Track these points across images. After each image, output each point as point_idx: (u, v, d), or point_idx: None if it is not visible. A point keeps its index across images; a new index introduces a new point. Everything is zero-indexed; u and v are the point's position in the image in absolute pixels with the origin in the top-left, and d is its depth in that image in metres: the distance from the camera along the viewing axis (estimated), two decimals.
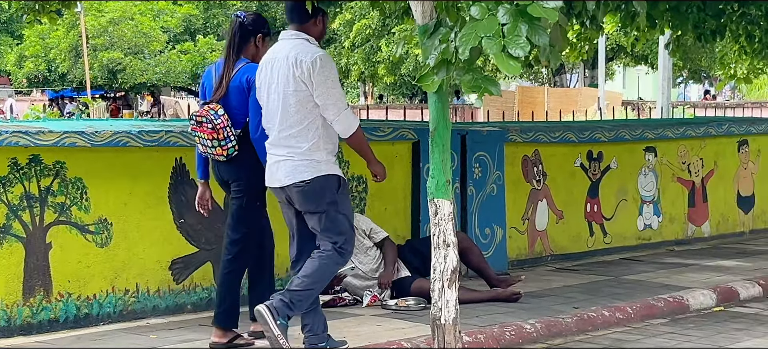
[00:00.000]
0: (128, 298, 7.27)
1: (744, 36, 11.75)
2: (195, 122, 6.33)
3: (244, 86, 6.30)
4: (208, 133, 6.26)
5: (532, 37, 5.20)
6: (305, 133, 5.99)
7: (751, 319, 7.93)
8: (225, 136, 6.25)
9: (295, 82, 5.95)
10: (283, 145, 6.02)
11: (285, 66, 5.97)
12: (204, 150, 6.38)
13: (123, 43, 40.35)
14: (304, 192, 6.00)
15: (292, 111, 5.97)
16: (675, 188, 11.25)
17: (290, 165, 6.00)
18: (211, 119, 6.24)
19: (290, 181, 6.00)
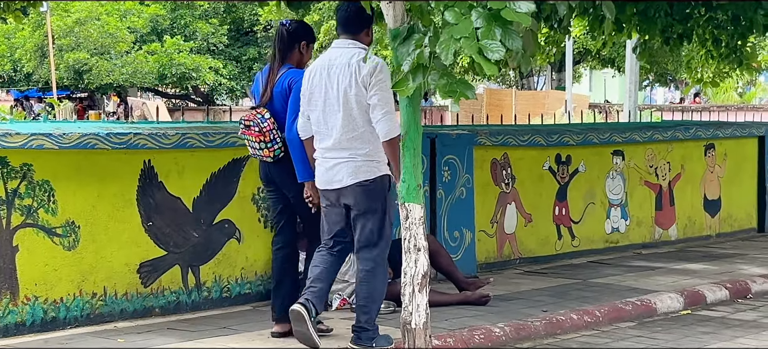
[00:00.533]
0: (96, 301, 7.22)
1: (711, 40, 11.85)
2: (244, 126, 6.68)
3: (287, 91, 6.58)
4: (255, 136, 6.61)
5: (506, 41, 5.23)
6: (368, 136, 6.25)
7: (718, 322, 7.98)
8: (271, 139, 6.59)
9: (358, 87, 6.20)
10: (344, 148, 6.29)
11: (347, 72, 6.21)
12: (253, 152, 6.75)
13: (89, 44, 40.04)
14: (368, 191, 6.29)
15: (355, 114, 6.23)
16: (642, 192, 11.31)
17: (353, 166, 6.29)
18: (257, 123, 6.60)
19: (353, 180, 6.29)
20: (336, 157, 6.32)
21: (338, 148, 6.31)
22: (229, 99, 52.84)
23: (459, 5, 5.33)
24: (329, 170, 6.37)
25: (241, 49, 47.34)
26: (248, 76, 47.65)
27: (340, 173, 6.32)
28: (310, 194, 6.61)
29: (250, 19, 46.43)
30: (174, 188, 7.57)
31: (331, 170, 6.36)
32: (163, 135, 7.44)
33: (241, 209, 7.95)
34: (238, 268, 7.96)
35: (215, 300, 7.84)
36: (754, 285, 9.21)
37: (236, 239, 7.92)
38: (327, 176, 6.39)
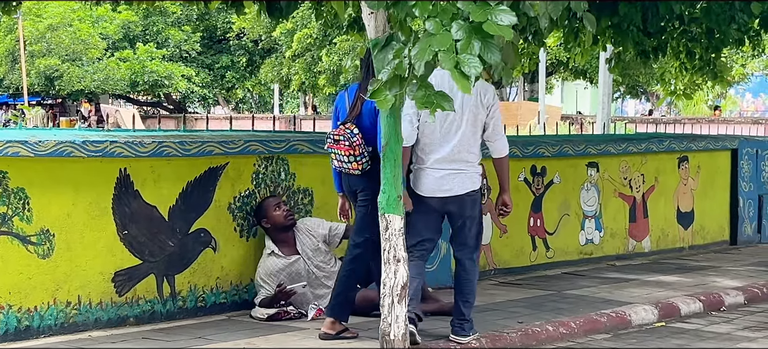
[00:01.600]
0: (70, 310, 7.17)
1: (684, 53, 11.93)
2: (332, 140, 7.00)
3: (375, 108, 6.66)
4: (345, 150, 6.93)
5: (485, 55, 5.22)
6: (476, 150, 6.89)
7: (691, 335, 8.02)
8: (360, 153, 6.91)
9: (481, 107, 6.81)
10: (458, 160, 6.82)
11: (473, 93, 6.57)
12: (339, 165, 7.03)
13: (61, 50, 39.87)
14: (473, 200, 6.90)
15: (471, 131, 6.82)
16: (616, 204, 11.36)
17: (465, 177, 6.84)
18: (347, 137, 6.92)
19: (464, 190, 6.84)
20: (448, 168, 6.81)
21: (451, 160, 6.81)
22: (201, 107, 52.75)
23: (441, 15, 5.32)
24: (439, 180, 6.83)
25: (214, 56, 47.28)
26: (221, 84, 47.61)
27: (451, 183, 6.82)
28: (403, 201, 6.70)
29: (223, 26, 46.38)
30: (150, 196, 7.54)
31: (441, 180, 6.83)
32: (139, 143, 7.40)
33: (217, 218, 7.91)
34: (214, 277, 7.93)
35: (190, 310, 7.80)
36: (727, 298, 9.26)
37: (212, 248, 7.89)
38: (435, 185, 6.85)
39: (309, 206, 8.49)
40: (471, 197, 6.88)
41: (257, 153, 8.13)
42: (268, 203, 8.03)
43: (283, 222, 7.98)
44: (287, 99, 59.66)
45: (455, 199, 6.86)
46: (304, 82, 41.21)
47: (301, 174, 8.43)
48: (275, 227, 7.96)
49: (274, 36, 41.39)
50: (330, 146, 7.06)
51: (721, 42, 11.65)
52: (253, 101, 57.43)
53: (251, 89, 52.22)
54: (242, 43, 46.51)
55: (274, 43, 43.20)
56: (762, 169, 13.37)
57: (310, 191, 8.50)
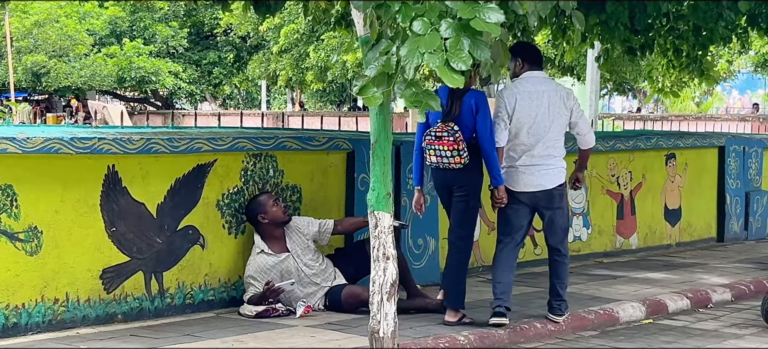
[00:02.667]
0: (58, 307, 7.15)
1: (672, 50, 11.97)
2: (434, 137, 7.50)
3: (473, 108, 7.48)
4: (448, 146, 7.44)
5: (474, 52, 5.24)
6: (561, 147, 7.65)
7: (679, 331, 8.05)
8: (462, 148, 7.42)
9: (565, 109, 7.59)
10: (545, 157, 7.55)
11: (556, 97, 7.56)
12: (439, 160, 7.52)
13: (47, 46, 39.73)
14: (560, 193, 7.65)
15: (557, 131, 7.58)
16: (604, 201, 11.38)
17: (553, 172, 7.59)
18: (451, 133, 7.44)
19: (552, 185, 7.59)
20: (537, 165, 7.55)
21: (539, 158, 7.55)
22: (188, 103, 52.64)
23: (429, 14, 5.33)
24: (530, 176, 7.57)
25: (201, 53, 47.16)
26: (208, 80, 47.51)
27: (541, 179, 7.57)
28: (501, 196, 7.55)
29: (210, 23, 46.26)
30: (138, 193, 7.52)
31: (532, 176, 7.57)
32: (127, 140, 7.38)
33: (205, 215, 7.91)
34: (202, 274, 7.92)
35: (178, 307, 7.79)
36: (714, 295, 9.29)
37: (200, 246, 7.88)
38: (527, 181, 7.59)
39: (297, 203, 8.49)
40: (558, 190, 7.62)
41: (246, 150, 8.12)
42: (266, 198, 8.01)
43: (282, 218, 7.97)
44: (274, 95, 59.57)
45: (544, 193, 7.57)
46: (292, 78, 41.14)
47: (289, 171, 8.42)
48: (273, 223, 7.94)
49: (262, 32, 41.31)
50: (430, 143, 7.53)
51: (708, 39, 11.67)
52: (240, 98, 57.34)
53: (238, 85, 52.13)
54: (229, 39, 46.41)
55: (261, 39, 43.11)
56: (749, 166, 13.42)
57: (298, 187, 8.50)
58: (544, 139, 7.55)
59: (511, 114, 7.55)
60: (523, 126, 7.54)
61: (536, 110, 7.55)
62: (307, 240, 8.04)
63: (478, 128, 7.48)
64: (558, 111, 7.58)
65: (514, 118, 7.55)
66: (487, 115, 7.52)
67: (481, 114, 7.49)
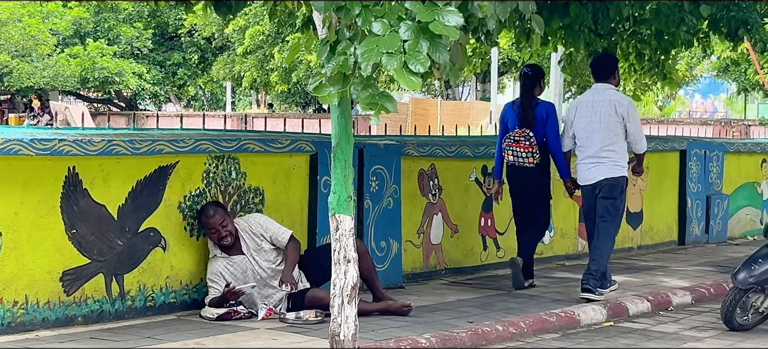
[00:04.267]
0: (17, 310, 7.09)
1: (634, 54, 12.02)
2: (512, 140, 9.21)
3: (543, 117, 9.21)
4: (524, 148, 9.15)
5: (433, 54, 5.26)
6: (616, 148, 8.97)
7: (639, 334, 8.10)
8: (536, 150, 9.14)
9: (616, 116, 8.96)
10: (599, 155, 8.98)
11: (608, 106, 8.98)
12: (515, 160, 9.21)
13: (10, 46, 39.37)
14: (612, 185, 8.95)
15: (611, 134, 8.95)
16: (566, 204, 11.42)
17: (607, 167, 8.97)
18: (527, 138, 9.14)
19: (604, 177, 8.96)
20: (594, 162, 9.00)
21: (598, 156, 8.98)
22: (152, 104, 52.37)
23: (388, 16, 5.34)
24: (589, 171, 9.04)
25: (166, 53, 46.94)
26: (172, 81, 47.30)
27: (597, 172, 8.98)
28: (571, 186, 9.43)
29: (174, 23, 46.05)
30: (99, 195, 7.48)
31: (591, 171, 9.02)
32: (88, 142, 7.34)
33: (167, 217, 7.87)
34: (163, 277, 7.88)
35: (139, 309, 7.75)
36: (674, 298, 9.36)
37: (162, 248, 7.84)
38: (587, 175, 9.06)
39: (260, 205, 8.47)
40: (610, 181, 8.95)
41: (208, 152, 8.09)
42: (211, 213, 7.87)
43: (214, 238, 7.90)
44: (239, 97, 59.38)
45: (598, 183, 8.97)
46: (256, 79, 41.06)
47: (252, 173, 8.41)
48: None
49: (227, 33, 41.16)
50: (509, 145, 9.23)
51: (670, 44, 11.74)
52: (205, 99, 57.12)
53: (203, 87, 51.93)
54: (194, 40, 46.24)
55: (226, 40, 42.97)
56: (710, 170, 13.53)
57: (261, 190, 8.48)
58: (598, 141, 8.95)
59: (573, 121, 9.15)
60: (582, 130, 9.08)
61: (590, 117, 9.01)
62: (260, 241, 7.97)
63: (548, 134, 9.21)
64: (609, 118, 8.95)
65: (574, 124, 9.13)
66: (556, 123, 9.28)
67: (550, 122, 9.21)
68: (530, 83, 9.37)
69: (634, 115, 9.04)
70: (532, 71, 9.43)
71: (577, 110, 9.17)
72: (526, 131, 9.16)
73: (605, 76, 9.19)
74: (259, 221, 8.03)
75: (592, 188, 9.04)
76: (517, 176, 9.35)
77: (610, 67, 9.26)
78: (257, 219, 8.06)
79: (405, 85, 5.27)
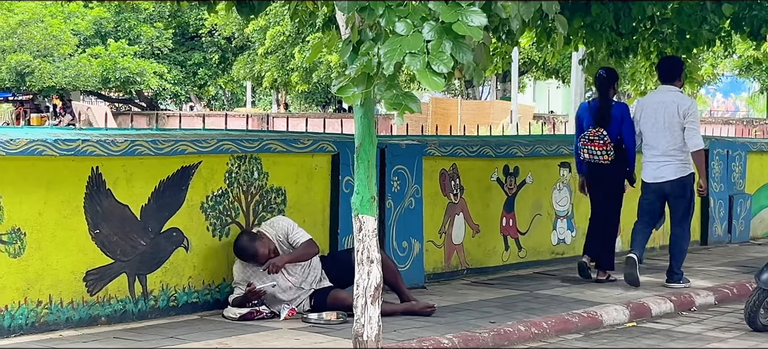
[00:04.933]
0: (41, 309, 7.13)
1: (656, 53, 11.97)
2: (588, 140, 9.75)
3: (618, 116, 9.72)
4: (599, 147, 9.68)
5: (457, 55, 5.25)
6: (682, 148, 9.52)
7: (662, 335, 8.07)
8: (610, 148, 9.66)
9: (678, 117, 9.50)
10: (668, 155, 9.56)
11: (672, 107, 9.53)
12: (590, 157, 9.76)
13: (32, 46, 39.57)
14: (681, 183, 9.57)
15: (675, 134, 9.51)
16: (588, 204, 11.36)
17: (674, 167, 9.57)
18: (601, 137, 9.65)
19: (674, 177, 9.57)
20: (661, 161, 9.58)
21: (665, 155, 9.57)
22: (173, 104, 52.53)
23: (412, 17, 5.34)
24: (656, 170, 9.63)
25: (186, 53, 47.11)
26: (193, 81, 47.43)
27: (664, 171, 9.59)
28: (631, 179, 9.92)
29: (195, 23, 46.21)
30: (122, 195, 7.51)
31: (658, 170, 9.61)
32: (111, 142, 7.37)
33: (189, 217, 7.89)
34: (186, 277, 7.91)
35: (162, 309, 7.78)
36: (697, 298, 9.32)
37: (184, 248, 7.87)
38: (654, 174, 9.66)
39: (281, 206, 8.48)
40: (678, 181, 9.55)
41: (230, 152, 8.11)
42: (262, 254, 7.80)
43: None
44: (259, 96, 59.50)
45: (668, 183, 9.56)
46: (277, 79, 41.14)
47: (274, 173, 8.42)
48: None
49: (247, 33, 41.26)
50: (584, 143, 9.78)
51: (692, 43, 11.69)
52: (225, 99, 57.25)
53: (223, 86, 52.06)
54: (215, 40, 46.37)
55: (246, 40, 43.07)
56: (732, 169, 13.47)
57: (283, 190, 8.49)
58: (662, 141, 9.54)
59: (639, 121, 9.74)
60: (646, 130, 9.67)
61: (654, 118, 9.61)
62: (285, 247, 7.93)
63: (623, 134, 9.73)
64: (672, 119, 9.49)
65: (640, 123, 9.71)
66: (630, 123, 9.75)
67: (626, 123, 9.74)
68: (605, 85, 9.90)
69: (693, 116, 9.54)
70: (606, 74, 9.96)
71: (643, 110, 9.75)
72: (601, 130, 9.68)
73: (671, 79, 9.77)
74: (283, 226, 8.02)
75: (658, 187, 9.65)
76: (594, 173, 9.91)
77: (675, 70, 9.84)
78: (282, 223, 8.05)
79: (428, 86, 5.26)
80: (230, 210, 8.14)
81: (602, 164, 9.76)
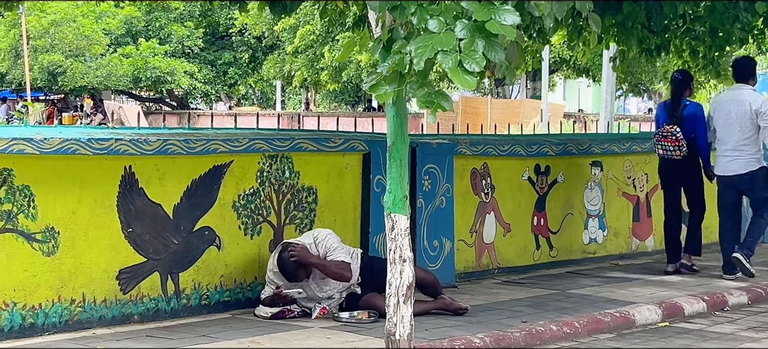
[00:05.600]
0: (74, 307, 7.17)
1: (688, 51, 11.91)
2: (661, 136, 10.27)
3: (692, 115, 10.24)
4: (671, 143, 10.20)
5: (489, 54, 5.23)
6: (753, 143, 10.02)
7: (695, 335, 8.02)
8: (682, 144, 10.15)
9: (751, 113, 9.98)
10: (738, 150, 10.03)
11: (745, 105, 10.01)
12: (664, 153, 10.30)
13: (64, 46, 39.84)
14: (752, 177, 10.04)
15: (746, 130, 9.99)
16: (620, 203, 11.35)
17: (744, 161, 10.04)
18: (674, 134, 10.16)
19: (743, 170, 10.04)
20: (731, 155, 10.07)
21: (735, 150, 10.03)
22: (203, 103, 52.73)
23: (445, 15, 5.32)
24: (727, 163, 10.11)
25: (217, 53, 47.28)
26: (223, 80, 47.59)
27: (734, 165, 10.06)
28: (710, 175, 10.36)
29: (225, 23, 46.36)
30: (154, 194, 7.54)
31: (729, 164, 10.09)
32: (144, 141, 7.40)
33: (221, 216, 7.92)
34: (218, 275, 7.93)
35: (194, 308, 7.80)
36: (730, 298, 9.26)
37: (216, 247, 7.89)
38: (725, 167, 10.13)
39: (313, 205, 8.50)
40: (749, 174, 10.01)
41: (262, 151, 8.13)
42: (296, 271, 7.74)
43: None
44: (289, 95, 59.63)
45: (739, 177, 10.07)
46: (307, 78, 41.20)
47: (305, 172, 8.43)
48: None
49: (277, 32, 41.34)
50: (658, 140, 10.31)
51: (724, 41, 11.63)
52: (255, 98, 57.40)
53: (253, 86, 52.21)
54: (245, 39, 46.49)
55: (276, 39, 43.16)
56: None
57: (314, 189, 8.50)
58: (733, 136, 10.00)
59: (713, 117, 10.22)
60: (719, 126, 10.15)
61: (727, 114, 10.09)
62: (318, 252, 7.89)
63: (697, 131, 10.23)
64: (744, 116, 10.00)
65: (714, 120, 10.20)
66: (703, 122, 10.25)
67: (699, 122, 10.24)
68: (680, 86, 10.41)
69: (766, 114, 9.95)
70: (681, 76, 10.49)
71: (716, 107, 10.26)
72: (674, 128, 10.18)
73: (745, 78, 10.26)
74: (324, 240, 7.86)
75: (729, 180, 10.13)
76: (668, 168, 10.46)
77: (749, 69, 10.34)
78: (324, 238, 7.88)
79: (460, 84, 5.25)
80: (262, 209, 8.16)
81: (675, 160, 10.26)
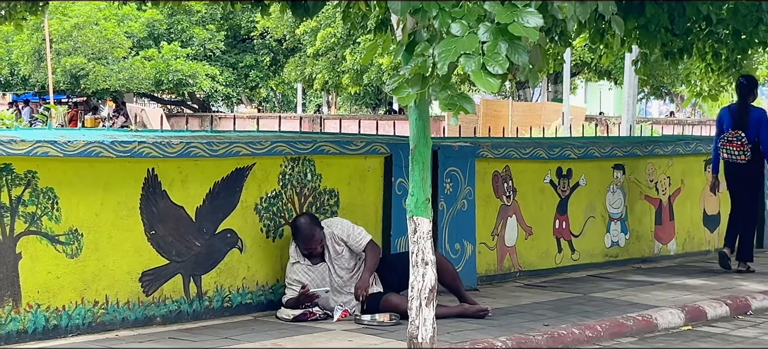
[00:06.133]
0: (98, 309, 7.21)
1: (711, 54, 11.86)
2: (727, 140, 10.64)
3: (756, 120, 10.56)
4: (736, 147, 10.56)
5: (512, 56, 5.22)
6: None
7: (719, 339, 7.98)
8: (747, 148, 10.53)
9: None
10: None
11: None
12: (729, 157, 10.65)
13: (86, 49, 40.00)
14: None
15: None
16: (642, 206, 11.32)
17: None
18: (739, 138, 10.52)
19: None
20: None
21: None
22: (225, 106, 52.85)
23: (467, 18, 5.32)
24: None
25: (238, 56, 47.34)
26: (245, 83, 47.68)
27: None
28: None
29: (247, 26, 46.42)
30: (177, 196, 7.57)
31: None
32: (167, 144, 7.43)
33: (243, 218, 7.94)
34: (240, 278, 7.95)
35: (216, 310, 7.83)
36: (754, 301, 9.21)
37: (238, 249, 7.91)
38: None
39: (335, 207, 8.51)
40: None
41: (284, 154, 8.15)
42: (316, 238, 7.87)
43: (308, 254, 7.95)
44: (310, 98, 59.68)
45: None
46: (328, 81, 41.22)
47: (327, 175, 8.44)
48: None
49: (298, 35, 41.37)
50: (723, 144, 10.65)
51: (747, 43, 11.56)
52: (276, 100, 57.49)
53: (275, 88, 52.29)
54: (266, 42, 46.55)
55: (297, 42, 43.19)
56: None
57: (336, 191, 8.51)
58: None
59: None
60: None
61: None
62: (340, 247, 7.96)
63: (761, 136, 10.54)
64: None
65: None
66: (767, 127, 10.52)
67: (763, 127, 10.53)
68: (745, 91, 10.73)
69: None
70: (747, 81, 10.81)
71: None
72: (739, 132, 10.54)
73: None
74: (341, 226, 8.03)
75: None
76: (732, 171, 10.78)
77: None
78: (339, 224, 8.05)
79: (483, 87, 5.24)
80: (284, 211, 8.18)
81: (740, 163, 10.59)
